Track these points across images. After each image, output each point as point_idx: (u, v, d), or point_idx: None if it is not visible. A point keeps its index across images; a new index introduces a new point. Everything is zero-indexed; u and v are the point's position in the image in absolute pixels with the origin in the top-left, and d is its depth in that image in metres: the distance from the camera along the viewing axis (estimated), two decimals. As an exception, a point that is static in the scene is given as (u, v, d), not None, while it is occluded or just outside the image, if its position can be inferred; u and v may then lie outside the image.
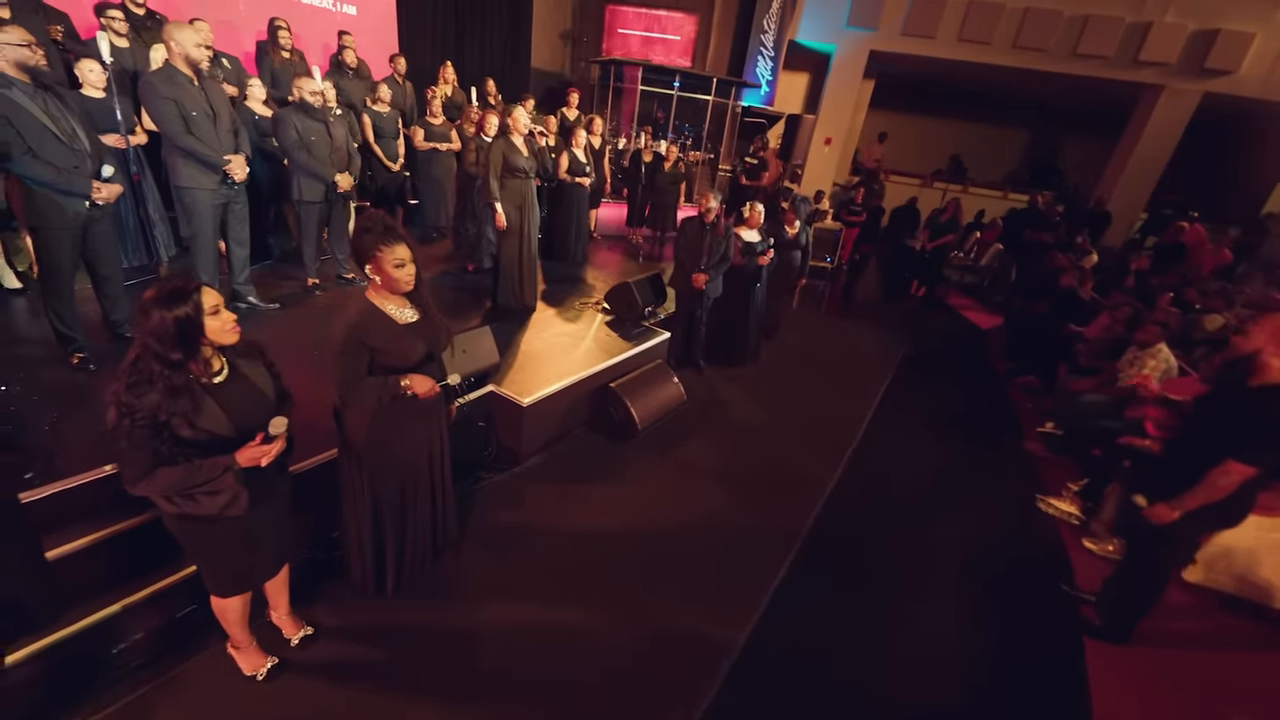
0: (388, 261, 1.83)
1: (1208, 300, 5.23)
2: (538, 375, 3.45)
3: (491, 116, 5.04)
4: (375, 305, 1.92)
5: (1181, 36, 8.52)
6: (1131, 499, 2.47)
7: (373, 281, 1.90)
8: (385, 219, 1.86)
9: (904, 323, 7.08)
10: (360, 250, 1.84)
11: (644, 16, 9.04)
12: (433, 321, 2.04)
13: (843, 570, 2.86)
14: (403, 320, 1.96)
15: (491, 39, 8.18)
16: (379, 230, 1.82)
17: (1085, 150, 13.07)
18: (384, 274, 1.85)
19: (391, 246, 1.82)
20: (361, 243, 1.83)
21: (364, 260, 1.85)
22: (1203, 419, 2.38)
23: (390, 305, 1.94)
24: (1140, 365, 4.01)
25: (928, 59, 9.36)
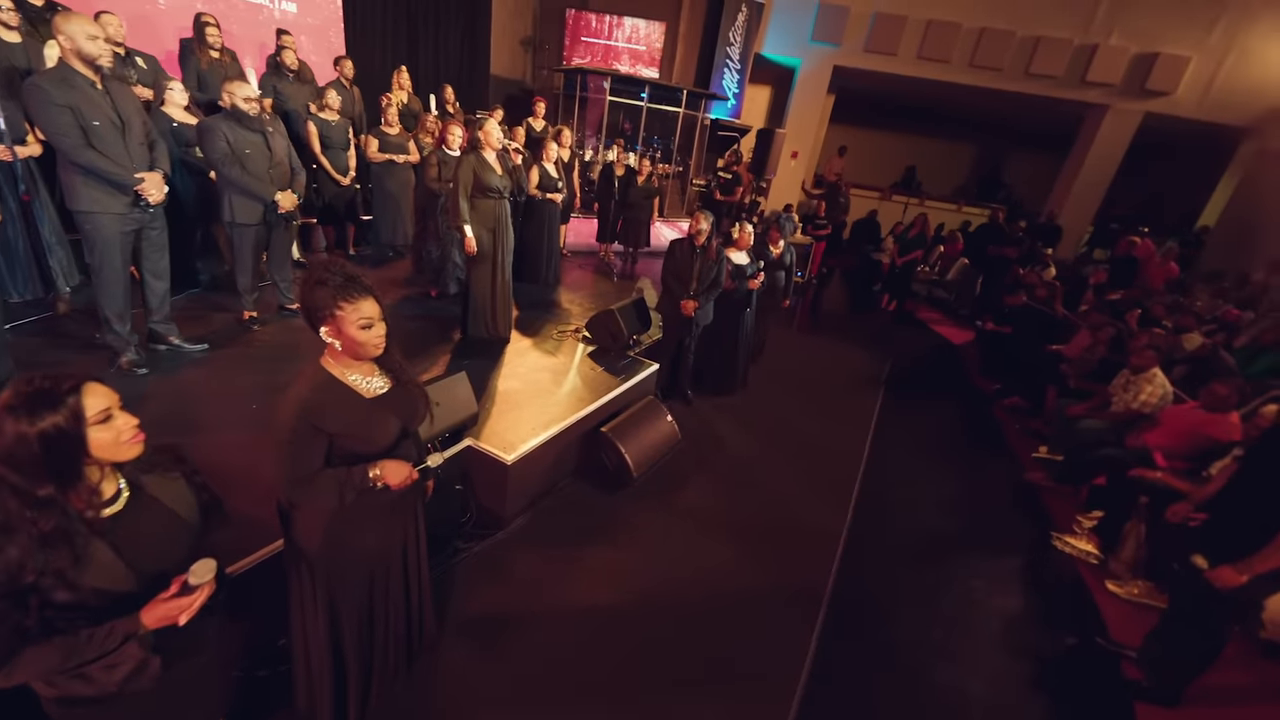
0: (350, 322, 1.41)
1: (1179, 318, 5.32)
2: (520, 423, 3.04)
3: (454, 127, 4.60)
4: (333, 376, 1.50)
5: (1125, 59, 8.92)
6: (1190, 560, 2.30)
7: (329, 347, 1.48)
8: (344, 267, 1.44)
9: (879, 338, 7.01)
10: (313, 308, 1.41)
11: (609, 24, 8.74)
12: (407, 390, 1.63)
13: (875, 637, 2.58)
14: (369, 392, 1.55)
15: (447, 43, 7.69)
16: (337, 282, 1.40)
17: (1029, 165, 13.66)
18: (346, 337, 1.43)
19: (355, 302, 1.41)
20: (315, 299, 1.40)
21: (318, 321, 1.42)
22: (1257, 472, 2.23)
23: (353, 374, 1.52)
24: (1136, 390, 3.95)
25: (889, 75, 9.47)
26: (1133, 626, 2.75)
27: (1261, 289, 7.76)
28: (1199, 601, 2.28)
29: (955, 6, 8.93)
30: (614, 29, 8.77)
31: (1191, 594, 2.32)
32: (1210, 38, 8.68)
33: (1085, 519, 3.54)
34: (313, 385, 1.47)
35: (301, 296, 1.44)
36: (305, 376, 1.50)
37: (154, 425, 1.18)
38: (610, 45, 8.82)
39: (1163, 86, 8.93)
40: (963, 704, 2.30)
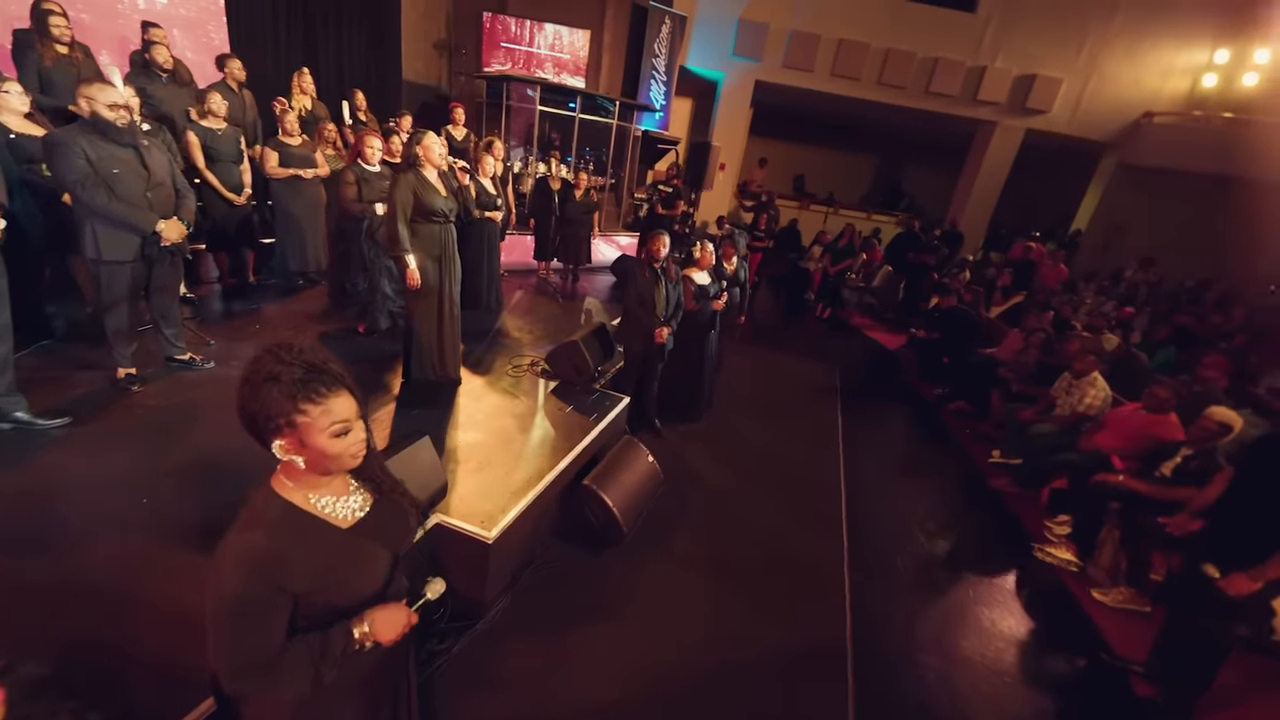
0: (319, 430, 0.99)
1: (1091, 318, 5.78)
2: (492, 486, 2.61)
3: (371, 138, 4.05)
4: (293, 506, 1.05)
5: (1008, 80, 9.80)
6: (1190, 569, 2.34)
7: (285, 465, 1.04)
8: (302, 351, 1.00)
9: (820, 347, 7.14)
10: (261, 415, 0.97)
11: (529, 29, 8.32)
12: (394, 503, 1.22)
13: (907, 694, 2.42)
14: (346, 520, 1.12)
15: (351, 44, 6.93)
16: (294, 376, 0.97)
17: (926, 175, 14.74)
18: (312, 451, 1.00)
19: (323, 401, 0.99)
20: (263, 402, 0.96)
21: (270, 433, 0.99)
22: (1255, 479, 2.30)
23: (321, 498, 1.09)
24: (1080, 394, 4.17)
25: (807, 90, 9.79)
26: (1125, 635, 2.82)
27: (1132, 285, 8.79)
28: (1197, 612, 2.32)
29: (863, 27, 9.39)
30: (535, 35, 8.37)
31: (1189, 604, 2.37)
32: (1077, 61, 9.75)
33: (1055, 525, 3.64)
34: (267, 525, 1.02)
35: (242, 400, 0.99)
36: (253, 512, 1.04)
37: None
38: (532, 52, 8.40)
39: (1041, 105, 9.90)
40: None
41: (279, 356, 0.98)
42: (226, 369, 3.30)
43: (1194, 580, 2.32)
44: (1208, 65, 9.73)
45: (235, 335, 3.78)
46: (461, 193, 3.28)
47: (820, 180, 14.25)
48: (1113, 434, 3.84)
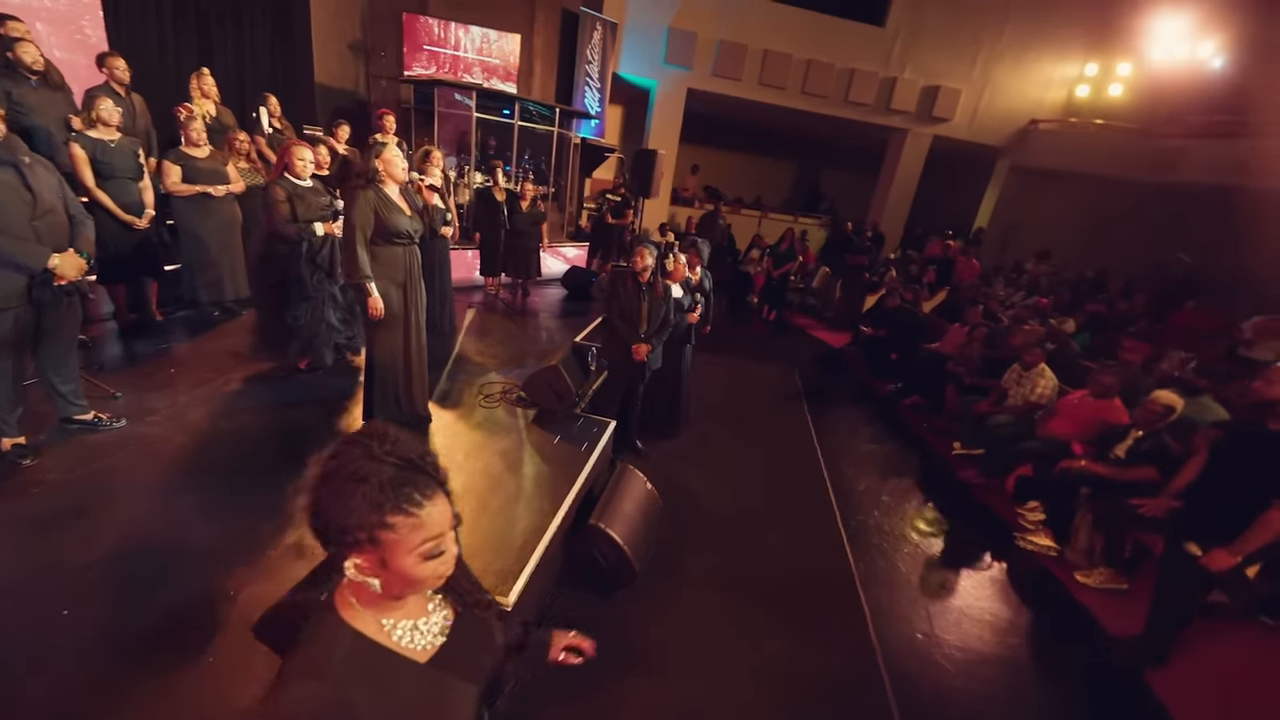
0: (408, 549, 0.77)
1: (1018, 309, 6.24)
2: (496, 539, 2.33)
3: (301, 150, 3.58)
4: (364, 638, 0.81)
5: (916, 90, 10.52)
6: (1184, 549, 2.49)
7: (351, 585, 0.81)
8: (398, 442, 0.78)
9: (770, 350, 7.26)
10: (340, 525, 0.75)
11: (454, 32, 7.88)
12: (479, 620, 0.97)
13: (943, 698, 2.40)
14: (426, 650, 0.87)
15: (254, 42, 6.22)
16: (386, 477, 0.75)
17: (842, 179, 15.58)
18: (395, 573, 0.78)
19: (418, 513, 0.77)
20: (346, 508, 0.74)
21: (346, 546, 0.76)
22: (1227, 462, 2.49)
23: (398, 623, 0.85)
24: (1031, 385, 4.45)
25: (737, 99, 10.00)
26: (1112, 613, 2.98)
27: (1034, 276, 9.68)
28: (1184, 581, 2.48)
29: (786, 39, 9.73)
30: (460, 38, 7.93)
31: (1182, 578, 2.52)
32: (973, 73, 10.63)
33: (1027, 512, 3.83)
34: (334, 667, 0.76)
35: (317, 501, 0.76)
36: (315, 646, 0.79)
37: None
38: (459, 56, 7.95)
39: (945, 114, 10.70)
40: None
41: (369, 448, 0.76)
42: (142, 425, 2.77)
43: (1177, 557, 2.48)
44: (1080, 77, 10.95)
45: (145, 384, 3.20)
46: (427, 211, 2.94)
47: (742, 186, 14.67)
48: (1065, 421, 4.11)
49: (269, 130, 4.80)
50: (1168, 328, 6.47)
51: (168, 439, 2.70)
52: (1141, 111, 10.53)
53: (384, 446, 0.77)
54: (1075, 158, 10.95)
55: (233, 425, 2.92)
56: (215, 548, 2.06)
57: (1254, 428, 2.38)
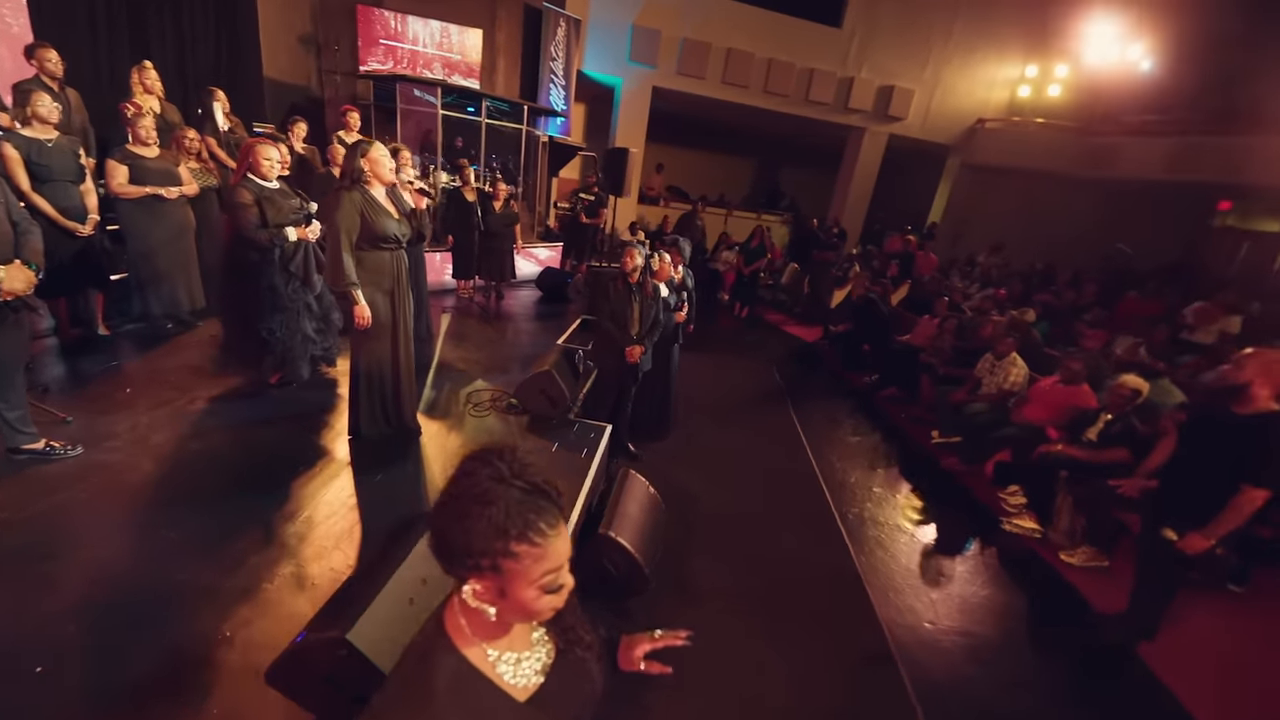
0: (530, 580, 0.74)
1: (980, 300, 6.50)
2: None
3: (267, 148, 3.34)
4: (471, 667, 0.78)
5: (872, 90, 10.82)
6: (1160, 533, 2.59)
7: (463, 608, 0.78)
8: (525, 466, 0.76)
9: (745, 346, 7.32)
10: (460, 548, 0.73)
11: (411, 26, 7.58)
12: (580, 660, 0.92)
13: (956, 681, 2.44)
14: (526, 689, 0.82)
15: (195, 34, 5.80)
16: (513, 500, 0.72)
17: (801, 177, 15.89)
18: (512, 602, 0.75)
19: (543, 542, 0.73)
20: (472, 531, 0.71)
21: (467, 570, 0.74)
22: (1197, 446, 2.58)
23: (502, 654, 0.81)
24: (1004, 373, 4.63)
25: (701, 97, 10.04)
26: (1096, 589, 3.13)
27: (986, 269, 10.12)
28: (1164, 562, 2.60)
29: (747, 38, 9.82)
30: (419, 32, 7.64)
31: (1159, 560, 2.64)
32: (924, 74, 11.02)
33: (1009, 496, 3.98)
34: (439, 696, 0.73)
35: (441, 522, 0.74)
36: (421, 668, 0.76)
37: None
38: (418, 51, 7.66)
39: (899, 113, 11.05)
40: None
41: (498, 470, 0.74)
42: (100, 453, 2.52)
43: (1155, 540, 2.59)
44: (1021, 78, 11.51)
45: (99, 406, 2.92)
46: (415, 215, 2.79)
47: (705, 184, 14.76)
48: (1038, 407, 4.28)
49: (225, 126, 4.48)
50: (1115, 315, 6.87)
51: (132, 466, 2.46)
52: (1078, 111, 11.17)
53: (513, 469, 0.74)
54: (1019, 155, 11.53)
55: (203, 448, 2.69)
56: (204, 584, 1.89)
57: (1221, 412, 2.48)
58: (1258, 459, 2.23)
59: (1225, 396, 2.48)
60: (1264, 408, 2.25)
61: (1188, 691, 2.51)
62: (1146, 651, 2.69)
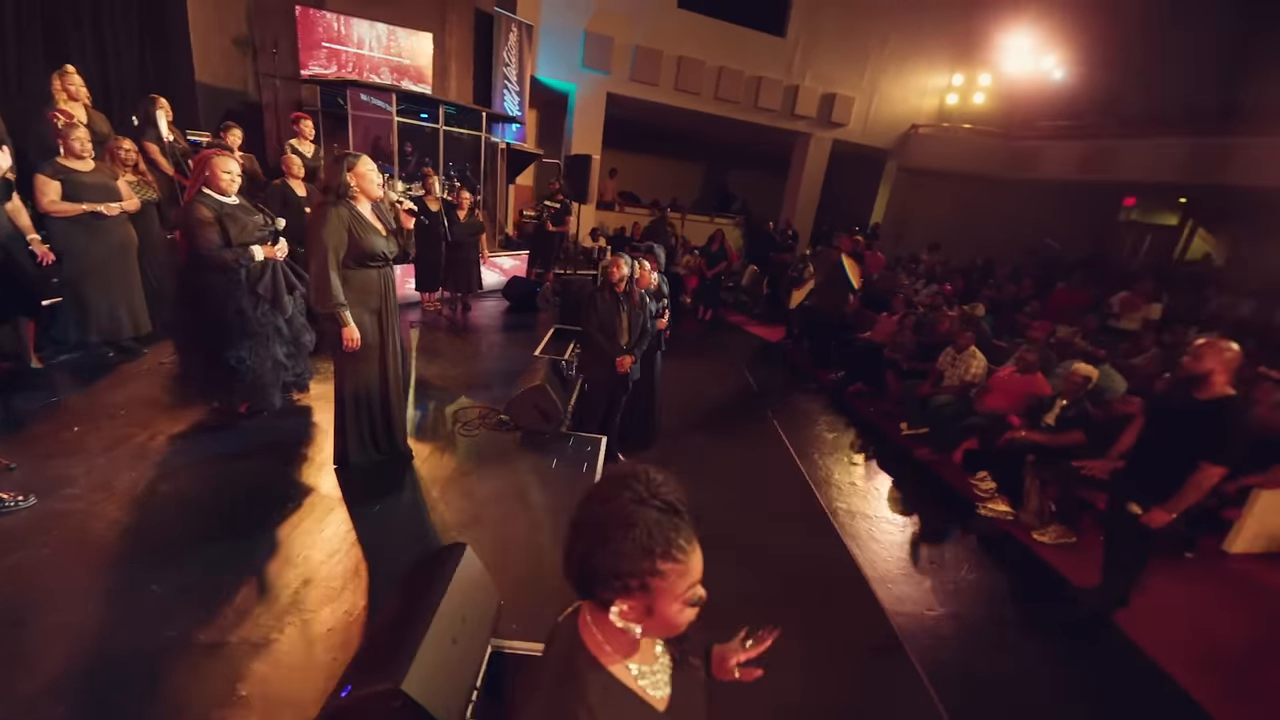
0: (675, 595, 0.76)
1: (932, 299, 6.86)
2: (531, 583, 2.17)
3: (226, 161, 3.10)
4: (617, 681, 0.81)
5: (816, 97, 11.23)
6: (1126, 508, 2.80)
7: (603, 628, 0.80)
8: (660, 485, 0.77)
9: (712, 349, 7.45)
10: (606, 570, 0.74)
11: (355, 29, 7.26)
12: (692, 669, 0.97)
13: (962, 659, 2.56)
14: (662, 700, 0.86)
15: (118, 37, 5.33)
16: (651, 520, 0.74)
17: (749, 180, 16.29)
18: (658, 619, 0.77)
19: (686, 558, 0.76)
20: (618, 553, 0.73)
21: (616, 592, 0.75)
22: (1159, 429, 2.81)
23: (639, 667, 0.84)
24: (964, 366, 4.90)
25: (654, 104, 10.13)
26: (1069, 564, 3.36)
27: (929, 266, 10.71)
28: (1131, 536, 2.81)
29: (697, 46, 9.99)
30: (364, 35, 7.33)
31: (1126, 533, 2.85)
32: (862, 82, 11.55)
33: (979, 482, 4.21)
34: (595, 708, 0.75)
35: (583, 545, 0.75)
36: (573, 688, 0.77)
37: None
38: (363, 54, 7.34)
39: (841, 119, 11.53)
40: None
41: (637, 492, 0.75)
42: (58, 501, 2.26)
43: (1122, 515, 2.80)
44: (949, 86, 12.26)
45: (45, 448, 2.62)
46: (401, 231, 2.66)
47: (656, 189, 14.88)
48: (999, 396, 4.56)
49: (168, 139, 4.12)
50: (1048, 306, 7.42)
51: (97, 514, 2.23)
52: (1001, 117, 12.02)
53: (650, 489, 0.75)
54: (950, 158, 12.28)
55: (176, 489, 2.47)
56: (205, 642, 1.72)
57: (1181, 397, 2.71)
58: (1215, 438, 2.45)
59: (1187, 384, 2.68)
60: (1220, 393, 2.48)
61: (1160, 649, 2.74)
62: (1120, 617, 2.91)
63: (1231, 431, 2.51)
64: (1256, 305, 6.62)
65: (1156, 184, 10.40)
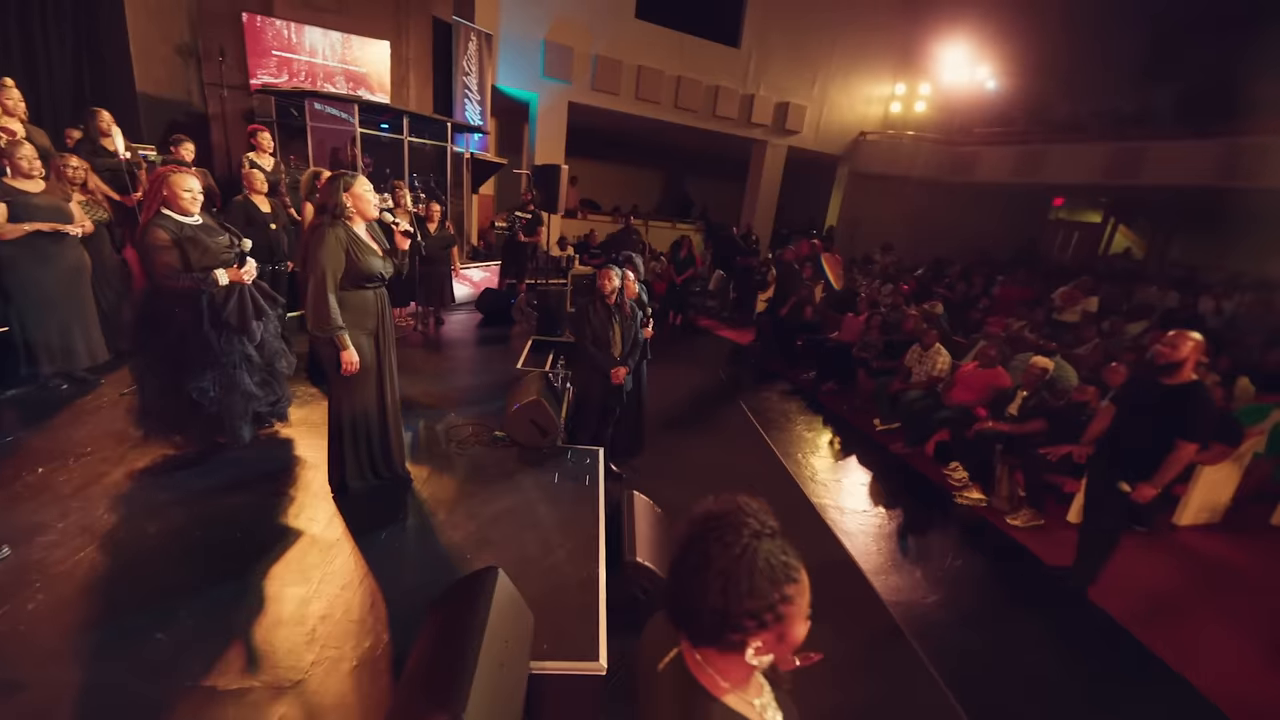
0: (801, 616, 0.80)
1: (893, 298, 7.18)
2: (554, 602, 2.17)
3: (186, 179, 2.95)
4: (742, 716, 0.83)
5: (771, 105, 11.59)
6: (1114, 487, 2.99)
7: (719, 666, 0.82)
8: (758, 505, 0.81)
9: (686, 353, 7.56)
10: (742, 609, 0.75)
11: (308, 36, 7.02)
12: (786, 695, 0.98)
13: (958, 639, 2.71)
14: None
15: (49, 46, 4.97)
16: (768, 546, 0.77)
17: (708, 186, 16.60)
18: (791, 639, 0.80)
19: (801, 576, 0.80)
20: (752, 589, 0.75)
21: (752, 631, 0.76)
22: (1136, 413, 2.99)
23: (756, 700, 0.87)
24: (931, 362, 5.17)
25: (616, 112, 10.20)
26: (1040, 545, 3.60)
27: (883, 266, 11.20)
28: (1117, 512, 3.04)
29: (656, 56, 10.15)
30: (318, 43, 7.09)
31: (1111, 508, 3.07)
32: (813, 91, 12.00)
33: (952, 472, 4.45)
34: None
35: (717, 589, 0.75)
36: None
37: None
38: (316, 63, 7.10)
39: (795, 127, 11.94)
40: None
41: (751, 526, 0.77)
42: (35, 551, 2.11)
43: (1107, 494, 3.01)
44: (892, 95, 12.88)
45: (9, 492, 2.42)
46: (395, 252, 2.61)
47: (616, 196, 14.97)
48: (964, 390, 4.83)
49: (125, 155, 3.87)
50: (996, 302, 7.90)
51: (81, 561, 2.08)
52: (941, 124, 12.73)
53: (760, 521, 0.78)
54: (896, 164, 12.90)
55: (164, 528, 2.33)
56: (227, 689, 1.65)
57: (1152, 384, 2.90)
58: (1188, 419, 2.68)
59: (1159, 371, 2.82)
60: (1187, 379, 2.71)
61: (1122, 612, 2.99)
62: (1097, 594, 3.13)
63: (1202, 412, 2.73)
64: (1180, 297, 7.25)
65: (1081, 185, 11.24)
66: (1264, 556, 3.73)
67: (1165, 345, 2.80)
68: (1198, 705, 2.48)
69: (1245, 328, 6.40)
